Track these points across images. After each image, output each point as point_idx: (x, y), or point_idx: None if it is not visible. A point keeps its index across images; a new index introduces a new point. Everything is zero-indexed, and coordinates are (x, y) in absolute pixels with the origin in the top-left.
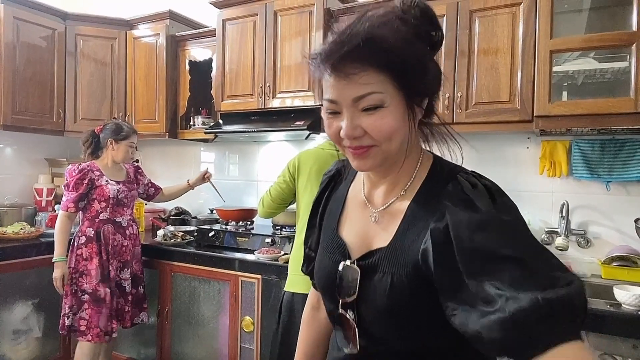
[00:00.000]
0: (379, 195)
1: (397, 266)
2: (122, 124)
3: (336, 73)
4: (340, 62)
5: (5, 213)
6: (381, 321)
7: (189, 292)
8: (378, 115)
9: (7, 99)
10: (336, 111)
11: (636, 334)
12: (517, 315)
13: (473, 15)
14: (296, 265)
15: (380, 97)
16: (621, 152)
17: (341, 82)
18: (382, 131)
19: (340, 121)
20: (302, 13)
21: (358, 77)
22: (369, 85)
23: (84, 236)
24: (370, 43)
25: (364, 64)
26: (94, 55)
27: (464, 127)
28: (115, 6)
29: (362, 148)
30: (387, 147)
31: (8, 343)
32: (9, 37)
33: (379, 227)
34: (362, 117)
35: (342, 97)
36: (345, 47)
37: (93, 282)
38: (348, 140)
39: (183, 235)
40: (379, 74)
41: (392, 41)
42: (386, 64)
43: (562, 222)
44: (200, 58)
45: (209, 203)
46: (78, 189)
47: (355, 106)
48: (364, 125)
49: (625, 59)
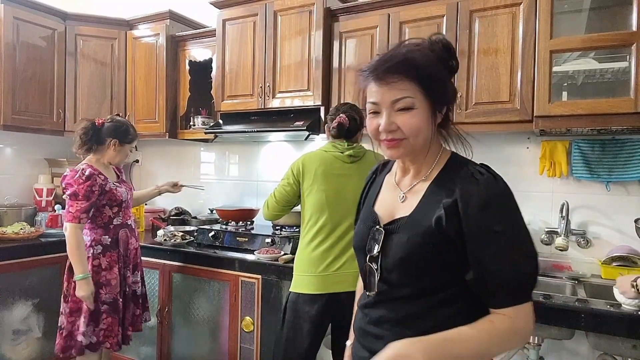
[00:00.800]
0: (406, 180)
1: (413, 229)
2: (129, 125)
3: (380, 82)
4: (384, 73)
5: (5, 213)
6: (396, 269)
7: (189, 292)
8: (409, 115)
9: (7, 99)
10: (377, 111)
11: (636, 334)
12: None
13: (473, 15)
14: (301, 265)
15: (412, 101)
16: (621, 152)
17: (383, 88)
18: (412, 127)
19: (379, 120)
20: (302, 13)
21: (396, 84)
22: (404, 91)
23: (99, 245)
24: (406, 61)
25: (401, 75)
26: (94, 55)
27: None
28: (115, 6)
29: (395, 140)
30: (414, 141)
31: (8, 343)
32: (9, 37)
33: (404, 203)
34: (397, 116)
35: (383, 100)
36: (388, 63)
37: (114, 291)
38: (384, 133)
39: (183, 235)
40: (412, 84)
41: (422, 61)
42: (417, 77)
43: (562, 222)
44: (200, 58)
45: (209, 203)
46: (89, 198)
47: (392, 107)
48: (398, 122)
49: (625, 59)
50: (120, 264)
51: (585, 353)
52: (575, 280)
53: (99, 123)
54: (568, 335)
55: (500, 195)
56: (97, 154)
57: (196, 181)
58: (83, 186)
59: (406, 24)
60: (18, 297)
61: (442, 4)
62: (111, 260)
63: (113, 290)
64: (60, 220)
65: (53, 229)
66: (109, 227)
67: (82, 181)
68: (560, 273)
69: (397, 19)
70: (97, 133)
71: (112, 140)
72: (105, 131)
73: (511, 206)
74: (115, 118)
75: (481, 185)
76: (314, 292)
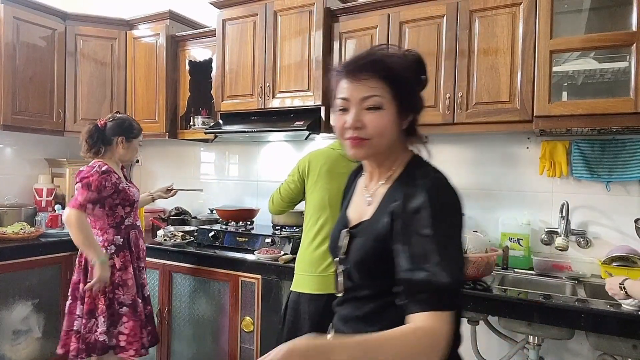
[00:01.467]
0: (372, 183)
1: (368, 233)
2: (131, 119)
3: (351, 78)
4: (356, 70)
5: (5, 213)
6: (355, 271)
7: (189, 292)
8: (377, 115)
9: (7, 99)
10: (345, 108)
11: (636, 334)
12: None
13: (473, 15)
14: (303, 265)
15: (380, 100)
16: (621, 152)
17: (354, 84)
18: (377, 127)
19: (347, 116)
20: (302, 13)
21: (367, 82)
22: (374, 89)
23: (113, 245)
24: (380, 61)
25: (373, 74)
26: (94, 55)
27: (464, 127)
28: (115, 6)
29: (359, 139)
30: (378, 141)
31: (8, 343)
32: (9, 37)
33: (369, 207)
34: (365, 114)
35: (352, 96)
36: (362, 60)
37: (131, 292)
38: (350, 131)
39: (183, 235)
40: (382, 84)
41: (395, 65)
42: (388, 78)
43: (562, 222)
44: (200, 58)
45: (209, 203)
46: (100, 192)
47: (361, 104)
48: (365, 120)
49: (625, 59)
50: (134, 264)
51: (585, 353)
52: (575, 280)
53: (101, 124)
54: (568, 335)
55: (436, 200)
56: (106, 154)
57: (196, 181)
58: (98, 178)
59: (406, 24)
60: (18, 297)
61: (442, 4)
62: (125, 260)
63: (130, 291)
64: (60, 221)
65: (53, 229)
66: (121, 227)
67: (98, 174)
68: (560, 273)
69: (397, 19)
70: (102, 134)
71: (119, 138)
72: (109, 131)
73: (446, 213)
74: (116, 116)
75: (419, 188)
76: (315, 291)
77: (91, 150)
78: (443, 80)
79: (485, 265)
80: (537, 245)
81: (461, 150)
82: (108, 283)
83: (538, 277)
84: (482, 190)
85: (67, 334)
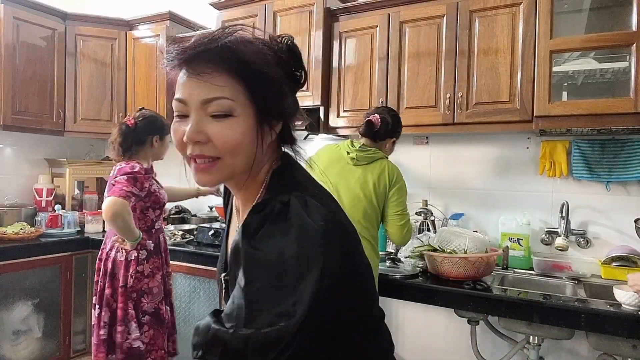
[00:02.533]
0: (242, 210)
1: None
2: (159, 116)
3: (189, 70)
4: (194, 59)
5: (5, 213)
6: None
7: (189, 291)
8: (226, 124)
9: (7, 99)
10: (184, 114)
11: (636, 334)
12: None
13: (473, 15)
14: None
15: (230, 104)
16: (621, 152)
17: (192, 81)
18: (228, 142)
19: (186, 126)
20: (302, 13)
21: (210, 77)
22: (221, 88)
23: (144, 250)
24: (228, 49)
25: (218, 67)
26: (94, 56)
27: (464, 128)
28: (115, 6)
29: (206, 161)
30: (231, 161)
31: (8, 343)
32: (9, 37)
33: None
34: (209, 123)
35: (191, 97)
36: (202, 46)
37: (156, 300)
38: (190, 147)
39: (183, 233)
40: (232, 81)
41: (251, 55)
42: (241, 72)
43: (562, 222)
44: None
45: (209, 201)
46: (142, 190)
47: (204, 109)
48: (209, 132)
49: (625, 59)
50: (163, 270)
51: (585, 353)
52: (575, 280)
53: (131, 123)
54: (568, 335)
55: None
56: (139, 154)
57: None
58: (143, 176)
59: (406, 24)
60: (18, 297)
61: (442, 4)
62: (154, 267)
63: (155, 298)
64: (60, 221)
65: (53, 229)
66: (152, 231)
67: (143, 173)
68: (560, 273)
69: (397, 18)
70: (134, 134)
71: (154, 137)
72: (141, 130)
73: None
74: (145, 113)
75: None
76: None
77: (126, 153)
78: (443, 80)
79: (485, 265)
80: (537, 245)
81: (461, 150)
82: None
83: (538, 277)
84: (482, 190)
85: (99, 346)
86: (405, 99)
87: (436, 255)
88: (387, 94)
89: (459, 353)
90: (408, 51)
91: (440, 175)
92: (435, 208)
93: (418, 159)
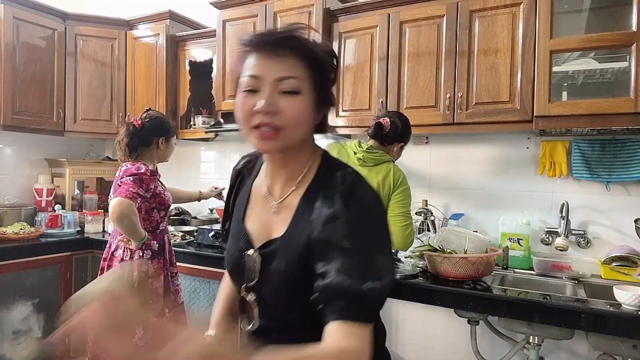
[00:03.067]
0: (277, 189)
1: (289, 253)
2: (165, 117)
3: (266, 53)
4: (273, 44)
5: (5, 213)
6: (279, 301)
7: (189, 292)
8: (295, 100)
9: (7, 99)
10: (254, 89)
11: (636, 334)
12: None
13: (473, 15)
14: None
15: (300, 84)
16: (621, 152)
17: (268, 60)
18: (294, 114)
19: (256, 99)
20: (302, 13)
21: (286, 60)
22: (295, 70)
23: (149, 249)
24: (299, 39)
25: (293, 53)
26: (94, 55)
27: (464, 128)
28: (115, 6)
29: (270, 130)
30: (292, 132)
31: (8, 343)
32: (9, 37)
33: (278, 218)
34: (280, 98)
35: (265, 74)
36: (280, 35)
37: (159, 301)
38: (260, 116)
39: (183, 235)
40: (303, 66)
41: (318, 49)
42: (310, 60)
43: (562, 222)
44: (201, 58)
45: (209, 203)
46: (148, 191)
47: (277, 86)
48: (280, 105)
49: (625, 59)
50: (165, 271)
51: (585, 353)
52: (575, 280)
53: (138, 124)
54: (568, 335)
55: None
56: (145, 155)
57: (196, 181)
58: (149, 178)
59: (406, 24)
60: (18, 297)
61: (442, 4)
62: (158, 268)
63: (159, 299)
64: (60, 221)
65: (53, 229)
66: (157, 232)
67: (149, 174)
68: (560, 273)
69: (397, 18)
70: (140, 135)
71: (160, 139)
72: (147, 131)
73: (366, 220)
74: (152, 114)
75: (338, 195)
76: None
77: (132, 154)
78: (443, 80)
79: (485, 265)
80: (537, 245)
81: (461, 150)
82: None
83: (538, 277)
84: (482, 190)
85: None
86: (405, 99)
87: (436, 255)
88: (387, 94)
89: (459, 353)
90: (408, 51)
91: (440, 175)
92: (435, 208)
93: (418, 159)
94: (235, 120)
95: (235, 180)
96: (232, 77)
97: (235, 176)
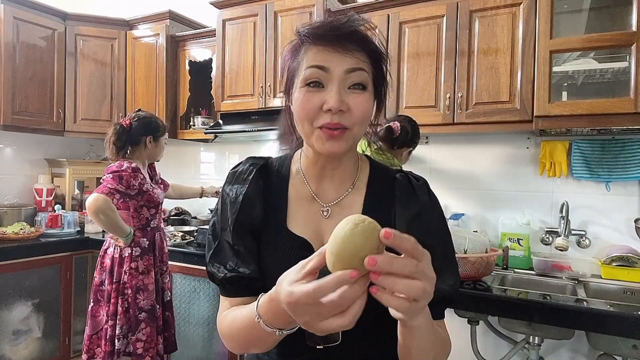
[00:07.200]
0: (328, 190)
1: None
2: (155, 117)
3: (330, 44)
4: (342, 35)
5: (5, 213)
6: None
7: (189, 292)
8: (363, 96)
9: (7, 99)
10: (320, 82)
11: (636, 334)
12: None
13: (473, 15)
14: None
15: (367, 78)
16: (621, 152)
17: (334, 52)
18: (362, 113)
19: (323, 95)
20: (303, 14)
21: (356, 52)
22: (362, 62)
23: (138, 247)
24: (363, 33)
25: (362, 46)
26: (94, 55)
27: (464, 127)
28: (115, 6)
29: (339, 129)
30: (357, 131)
31: (8, 343)
32: (9, 37)
33: (333, 221)
34: (349, 94)
35: (334, 66)
36: (346, 26)
37: (151, 297)
38: (329, 115)
39: (183, 235)
40: (369, 61)
41: (381, 48)
42: (373, 54)
43: (562, 222)
44: (200, 58)
45: (209, 203)
46: (128, 187)
47: (345, 79)
48: (350, 102)
49: (625, 59)
50: (156, 268)
51: (585, 353)
52: (575, 280)
53: (126, 124)
54: (568, 335)
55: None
56: (134, 154)
57: (196, 181)
58: (130, 174)
59: (406, 24)
60: (18, 297)
61: (442, 4)
62: (148, 264)
63: (150, 296)
64: (60, 221)
65: (53, 229)
66: (147, 229)
67: (130, 171)
68: (560, 273)
69: (397, 19)
70: (129, 134)
71: (147, 138)
72: (136, 130)
73: (442, 216)
74: (140, 114)
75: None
76: None
77: (120, 152)
78: (443, 80)
79: (485, 265)
80: (537, 245)
81: (461, 150)
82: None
83: (538, 277)
84: (482, 190)
85: (90, 338)
86: (404, 99)
87: None
88: None
89: (459, 353)
90: (408, 51)
91: (440, 175)
92: None
93: (418, 159)
94: (295, 116)
95: (257, 181)
96: (284, 72)
97: (254, 187)
